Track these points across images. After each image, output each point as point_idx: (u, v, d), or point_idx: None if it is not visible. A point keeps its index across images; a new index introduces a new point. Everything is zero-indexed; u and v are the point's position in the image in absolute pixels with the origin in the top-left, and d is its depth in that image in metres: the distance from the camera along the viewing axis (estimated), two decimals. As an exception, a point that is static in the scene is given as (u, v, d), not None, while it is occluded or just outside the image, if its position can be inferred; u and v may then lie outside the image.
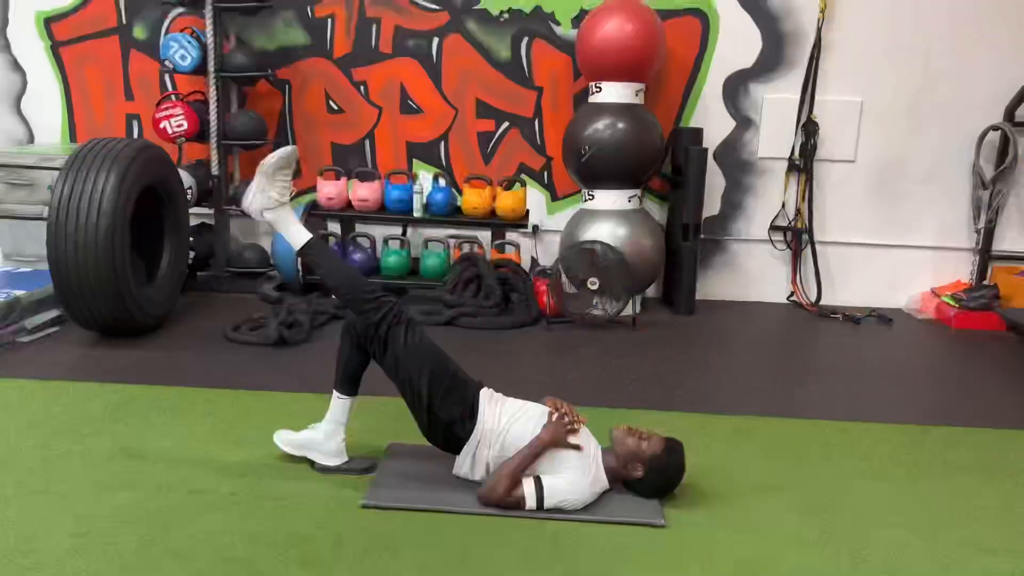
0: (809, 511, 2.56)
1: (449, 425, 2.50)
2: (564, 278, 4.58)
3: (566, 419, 2.51)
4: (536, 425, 2.51)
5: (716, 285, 5.25)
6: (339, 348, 2.63)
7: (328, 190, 4.86)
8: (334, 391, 2.65)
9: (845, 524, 2.50)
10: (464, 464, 2.55)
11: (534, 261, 5.20)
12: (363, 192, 4.84)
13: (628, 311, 4.62)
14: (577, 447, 2.48)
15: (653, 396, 3.50)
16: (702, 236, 4.94)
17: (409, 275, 4.92)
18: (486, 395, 2.57)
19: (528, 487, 2.42)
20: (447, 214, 4.85)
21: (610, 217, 4.68)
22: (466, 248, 4.91)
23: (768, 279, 5.23)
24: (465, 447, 2.51)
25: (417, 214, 4.84)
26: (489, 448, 2.50)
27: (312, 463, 2.68)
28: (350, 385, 2.63)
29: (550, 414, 2.54)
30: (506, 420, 2.51)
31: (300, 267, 4.81)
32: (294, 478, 2.63)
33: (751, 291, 5.25)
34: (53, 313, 4.18)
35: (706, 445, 2.98)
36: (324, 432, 2.66)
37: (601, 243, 4.52)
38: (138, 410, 3.14)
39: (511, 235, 5.09)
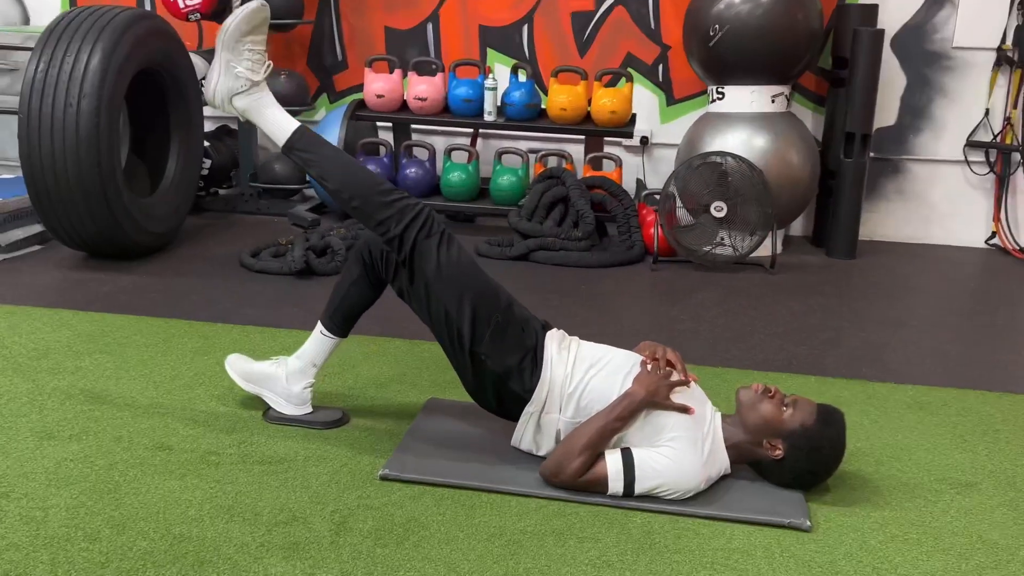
0: (1027, 521, 2.12)
1: (503, 378, 2.19)
2: (679, 202, 4.19)
3: (667, 369, 2.16)
4: (626, 378, 2.17)
5: (887, 221, 4.83)
6: (342, 274, 2.42)
7: (377, 86, 4.61)
8: (319, 325, 2.43)
9: (1085, 543, 2.03)
10: (525, 433, 2.25)
11: (640, 183, 4.82)
12: (422, 89, 4.55)
13: (764, 250, 4.16)
14: (685, 408, 2.12)
15: (796, 356, 3.16)
16: (871, 154, 4.42)
17: (477, 198, 4.66)
18: (554, 338, 2.26)
19: (613, 463, 2.09)
20: (528, 118, 4.54)
21: (746, 123, 4.29)
22: (551, 163, 4.55)
23: (960, 214, 4.79)
24: (526, 409, 2.21)
25: (489, 117, 4.53)
26: (559, 411, 2.19)
27: (266, 409, 2.48)
28: (343, 324, 2.42)
29: (643, 363, 2.19)
30: (583, 371, 2.19)
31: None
32: (295, 437, 2.40)
33: (935, 230, 4.82)
34: (35, 229, 4.06)
35: (872, 421, 2.65)
36: (289, 371, 2.46)
37: (732, 155, 4.06)
38: (113, 344, 2.96)
39: (611, 148, 4.74)
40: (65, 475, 2.13)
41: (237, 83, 2.25)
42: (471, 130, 4.82)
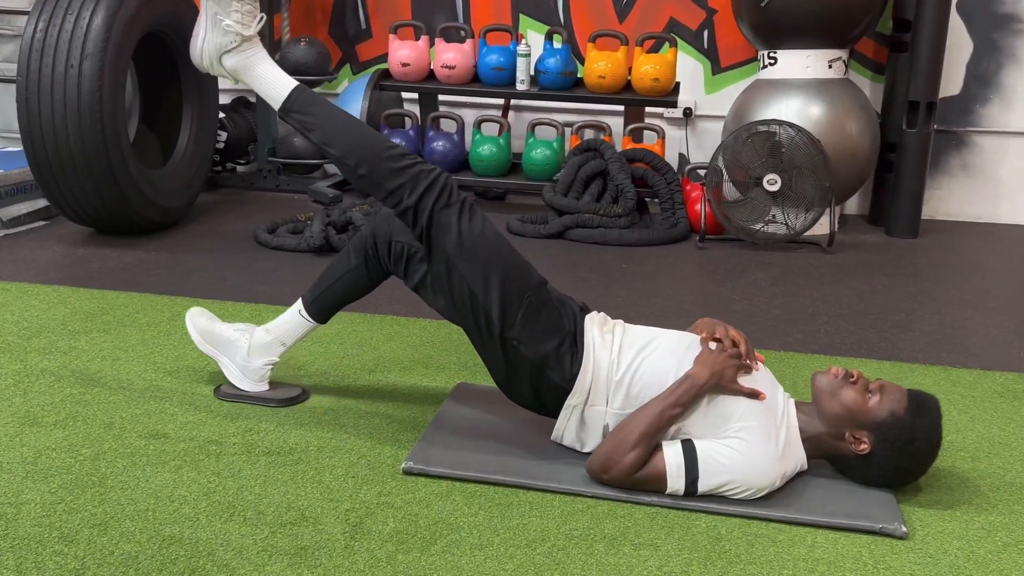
0: None
1: (540, 367, 1.93)
2: (727, 176, 3.90)
3: (734, 349, 1.90)
4: (682, 359, 1.91)
5: (950, 198, 4.56)
6: (339, 258, 2.19)
7: (403, 54, 4.38)
8: (299, 303, 2.21)
9: None
10: (568, 429, 1.99)
11: (683, 158, 4.54)
12: (450, 56, 4.32)
13: (817, 229, 3.92)
14: (756, 393, 1.84)
15: (866, 340, 2.88)
16: (935, 125, 4.11)
17: (508, 173, 4.43)
18: (595, 320, 2.01)
19: (672, 457, 1.83)
20: (563, 87, 4.30)
21: (800, 90, 4.01)
22: (588, 135, 4.30)
23: (1031, 191, 4.51)
24: (568, 401, 1.95)
25: (522, 86, 4.29)
26: (606, 402, 1.93)
27: (218, 385, 2.30)
28: (325, 310, 2.21)
29: (703, 340, 1.94)
30: (631, 356, 1.94)
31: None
32: (308, 425, 2.15)
33: (1003, 208, 4.54)
34: (40, 203, 3.85)
35: (961, 412, 2.37)
36: (254, 343, 2.24)
37: (787, 124, 3.77)
38: (113, 323, 2.73)
39: (652, 119, 4.46)
40: (45, 466, 1.89)
41: (226, 39, 2.01)
42: (502, 100, 4.60)
